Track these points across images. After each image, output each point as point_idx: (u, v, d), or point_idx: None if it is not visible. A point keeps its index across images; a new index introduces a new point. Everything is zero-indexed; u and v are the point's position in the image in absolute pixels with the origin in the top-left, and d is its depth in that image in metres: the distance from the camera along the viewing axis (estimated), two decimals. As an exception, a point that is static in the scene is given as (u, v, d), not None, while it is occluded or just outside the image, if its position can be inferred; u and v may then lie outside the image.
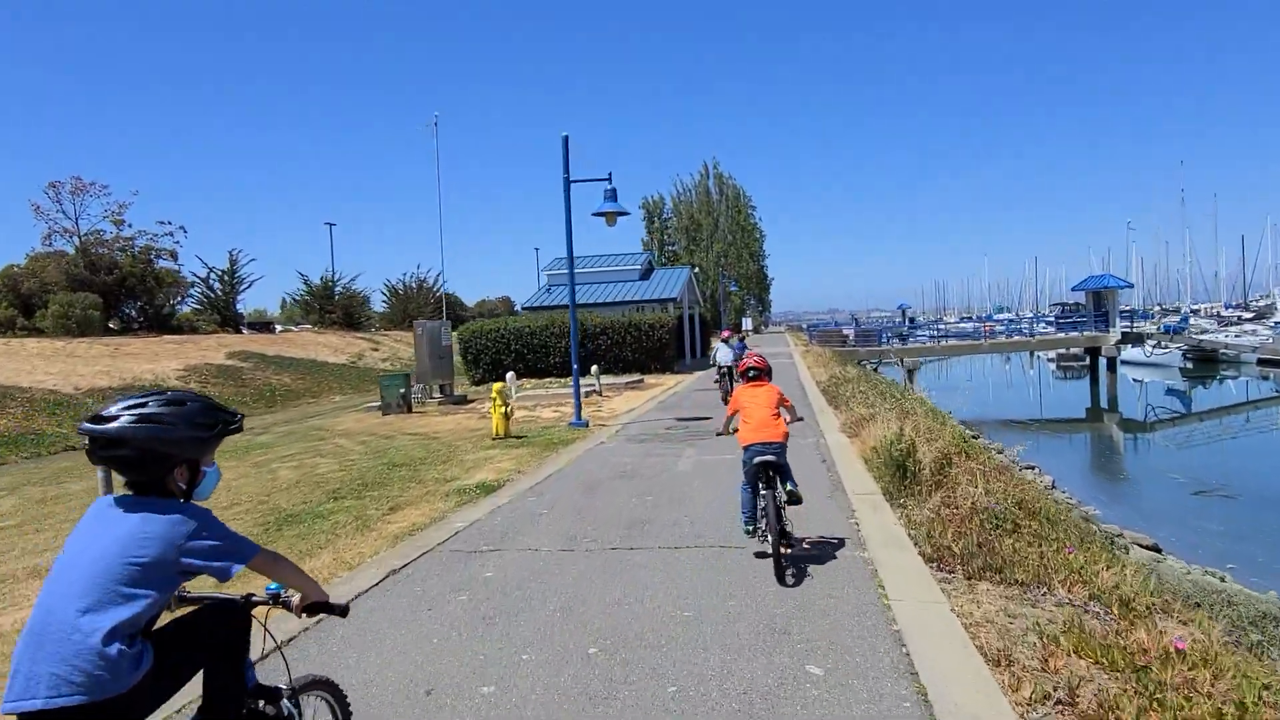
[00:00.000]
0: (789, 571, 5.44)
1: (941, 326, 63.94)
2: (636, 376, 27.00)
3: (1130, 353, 39.90)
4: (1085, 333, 37.32)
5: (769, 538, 5.48)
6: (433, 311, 59.22)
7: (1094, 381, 38.38)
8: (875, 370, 40.49)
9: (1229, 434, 25.14)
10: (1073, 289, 41.64)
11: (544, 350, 28.98)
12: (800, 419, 6.81)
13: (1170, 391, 38.25)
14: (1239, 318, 58.71)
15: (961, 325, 73.81)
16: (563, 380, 27.50)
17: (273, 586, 2.57)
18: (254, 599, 2.55)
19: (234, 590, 2.74)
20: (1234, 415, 29.29)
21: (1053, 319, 59.53)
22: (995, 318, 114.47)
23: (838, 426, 12.94)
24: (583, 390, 22.04)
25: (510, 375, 21.99)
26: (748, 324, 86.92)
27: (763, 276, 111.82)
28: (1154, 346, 41.28)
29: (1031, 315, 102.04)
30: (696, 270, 75.14)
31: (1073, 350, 44.12)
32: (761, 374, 6.26)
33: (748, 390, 6.15)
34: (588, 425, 15.02)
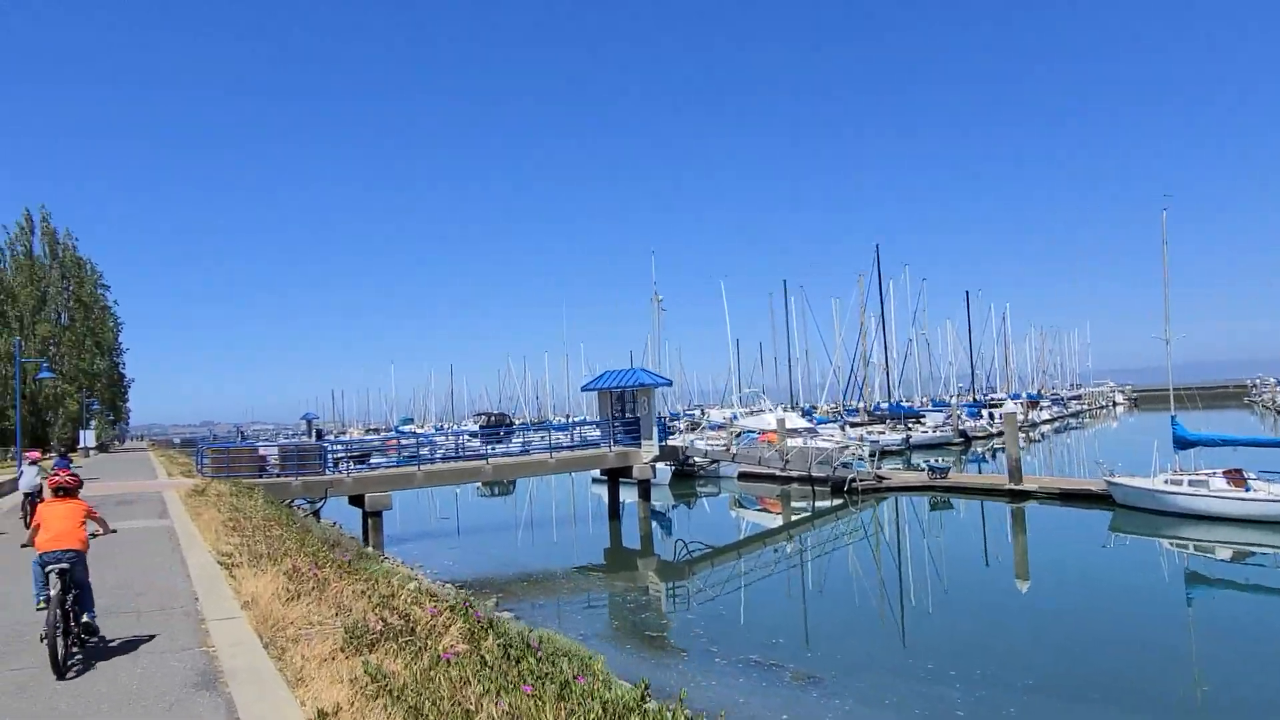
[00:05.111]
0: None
1: (354, 441, 51.11)
2: None
3: (664, 472, 31.53)
4: (616, 448, 27.29)
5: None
6: None
7: (614, 516, 28.49)
8: (318, 508, 24.38)
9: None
10: (584, 388, 32.28)
11: None
12: (114, 530, 7.54)
13: (657, 514, 30.86)
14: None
15: (368, 438, 67.51)
16: None
17: None
18: None
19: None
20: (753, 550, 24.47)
21: (476, 430, 50.94)
22: (401, 430, 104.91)
23: None
24: None
25: None
26: (89, 439, 60.07)
27: (118, 377, 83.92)
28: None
29: (440, 429, 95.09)
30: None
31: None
32: (71, 492, 6.59)
33: (52, 504, 6.47)
34: None
